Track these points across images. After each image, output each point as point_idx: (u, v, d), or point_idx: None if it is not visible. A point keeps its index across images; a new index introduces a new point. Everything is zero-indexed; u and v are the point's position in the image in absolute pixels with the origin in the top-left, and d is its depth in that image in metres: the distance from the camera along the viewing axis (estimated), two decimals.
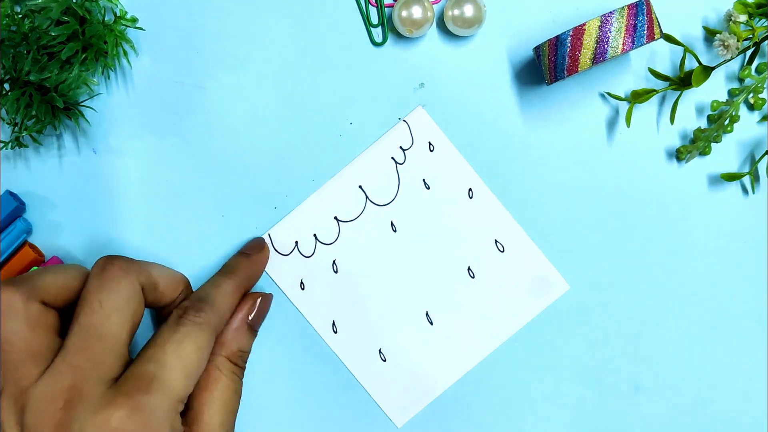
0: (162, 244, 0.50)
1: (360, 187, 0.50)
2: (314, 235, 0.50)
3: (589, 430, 0.51)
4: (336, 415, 0.51)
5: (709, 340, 0.51)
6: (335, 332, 0.50)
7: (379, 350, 0.50)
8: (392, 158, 0.50)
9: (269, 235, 0.50)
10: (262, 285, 0.50)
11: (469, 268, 0.50)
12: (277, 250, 0.50)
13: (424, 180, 0.50)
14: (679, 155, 0.49)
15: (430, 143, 0.49)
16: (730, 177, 0.49)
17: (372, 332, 0.50)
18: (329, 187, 0.50)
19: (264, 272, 0.50)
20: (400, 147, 0.50)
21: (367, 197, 0.50)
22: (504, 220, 0.50)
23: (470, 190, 0.50)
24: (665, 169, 0.50)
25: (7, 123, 0.46)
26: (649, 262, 0.50)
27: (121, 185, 0.50)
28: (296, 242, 0.50)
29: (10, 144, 0.47)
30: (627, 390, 0.51)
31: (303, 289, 0.50)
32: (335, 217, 0.50)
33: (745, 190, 0.50)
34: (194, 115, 0.49)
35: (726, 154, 0.50)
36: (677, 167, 0.50)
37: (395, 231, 0.50)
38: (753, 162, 0.50)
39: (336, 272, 0.50)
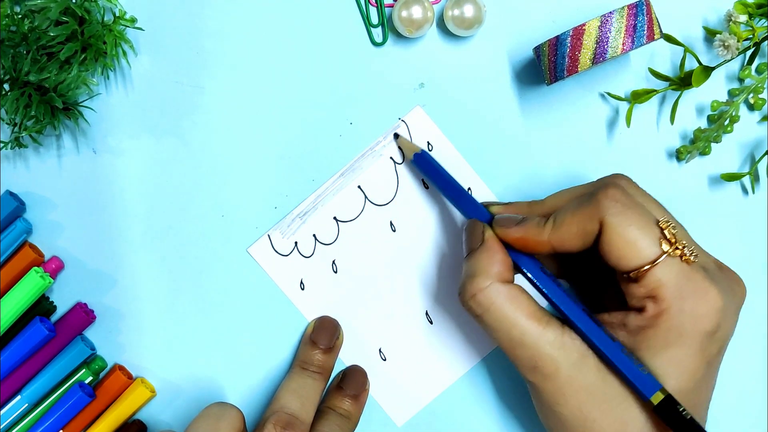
0: (162, 243, 0.50)
1: (359, 187, 0.50)
2: (314, 235, 0.50)
3: None
4: None
5: None
6: None
7: (379, 350, 0.51)
8: (391, 158, 0.50)
9: (269, 235, 0.50)
10: (263, 287, 0.50)
11: None
12: (276, 251, 0.50)
13: (423, 180, 0.50)
14: (679, 155, 0.49)
15: (429, 143, 0.49)
16: (730, 177, 0.49)
17: (372, 332, 0.50)
18: (328, 187, 0.50)
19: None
20: (399, 147, 0.50)
21: (366, 197, 0.50)
22: None
23: (469, 189, 0.50)
24: (665, 169, 0.50)
25: (6, 123, 0.46)
26: None
27: (121, 185, 0.49)
28: (296, 242, 0.50)
29: (10, 144, 0.47)
30: None
31: (303, 289, 0.50)
32: (334, 217, 0.50)
33: (745, 190, 0.50)
34: (194, 115, 0.49)
35: (726, 154, 0.50)
36: (677, 167, 0.50)
37: (394, 231, 0.50)
38: (753, 162, 0.50)
39: (336, 272, 0.50)
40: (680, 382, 0.40)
